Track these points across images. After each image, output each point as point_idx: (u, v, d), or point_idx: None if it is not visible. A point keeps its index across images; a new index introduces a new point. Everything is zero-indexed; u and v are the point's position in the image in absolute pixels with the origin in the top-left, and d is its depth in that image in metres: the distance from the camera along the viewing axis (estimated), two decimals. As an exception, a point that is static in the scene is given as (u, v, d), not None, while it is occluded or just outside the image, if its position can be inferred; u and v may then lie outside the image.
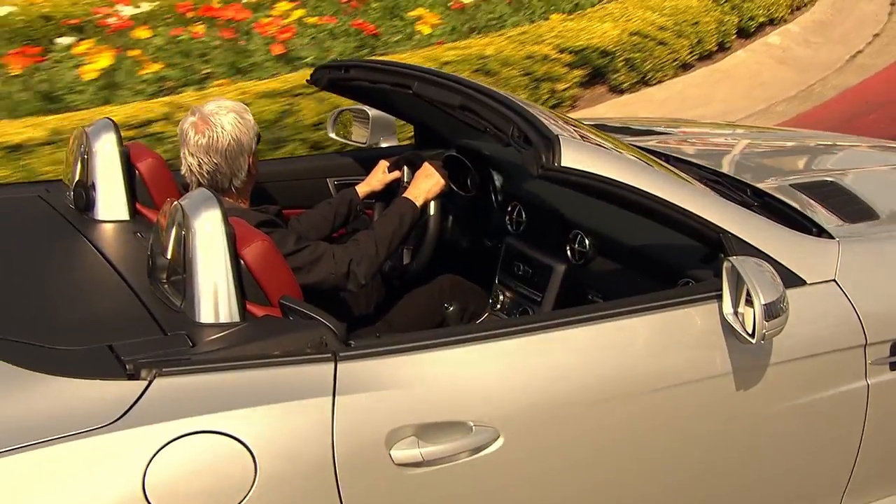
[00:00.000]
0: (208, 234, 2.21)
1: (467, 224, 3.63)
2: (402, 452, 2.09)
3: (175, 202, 2.31)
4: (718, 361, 2.47)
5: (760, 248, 2.55)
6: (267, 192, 3.39)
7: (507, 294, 3.39)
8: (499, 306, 3.41)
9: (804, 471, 2.72)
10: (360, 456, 2.06)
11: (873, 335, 2.65)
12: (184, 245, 2.23)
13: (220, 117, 2.83)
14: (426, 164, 3.20)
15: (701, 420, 2.49)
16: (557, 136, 2.41)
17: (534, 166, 2.40)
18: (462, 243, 3.61)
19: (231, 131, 2.82)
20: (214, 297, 2.19)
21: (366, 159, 3.72)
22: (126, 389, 1.93)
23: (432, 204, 3.26)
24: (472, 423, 2.17)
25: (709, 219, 2.54)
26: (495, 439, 2.19)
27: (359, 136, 3.92)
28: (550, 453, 2.29)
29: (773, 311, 2.30)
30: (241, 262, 2.30)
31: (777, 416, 2.58)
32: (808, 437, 2.67)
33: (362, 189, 3.45)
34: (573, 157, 2.39)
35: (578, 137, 2.56)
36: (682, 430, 2.47)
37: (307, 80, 3.47)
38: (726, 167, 3.38)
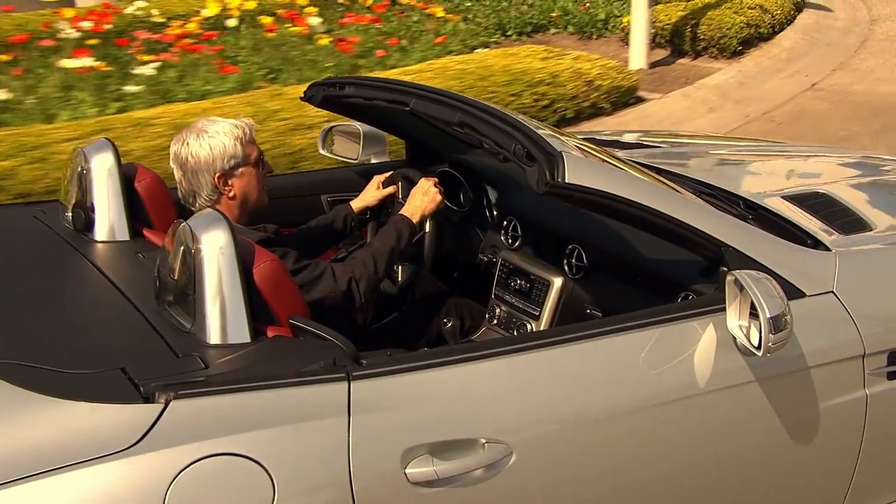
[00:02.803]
0: (218, 255, 2.21)
1: (462, 239, 3.64)
2: (416, 471, 2.10)
3: (183, 223, 2.31)
4: (721, 374, 2.49)
5: (760, 261, 2.58)
6: (262, 209, 3.38)
7: (504, 308, 3.41)
8: (495, 321, 3.42)
9: (804, 480, 2.75)
10: (377, 475, 2.07)
11: (871, 345, 2.68)
12: (193, 266, 2.22)
13: (193, 133, 2.86)
14: (422, 181, 3.21)
15: (704, 432, 2.51)
16: (561, 152, 2.43)
17: (538, 183, 2.42)
18: (457, 258, 3.63)
19: (193, 147, 2.84)
20: (225, 317, 2.19)
21: (359, 175, 3.72)
22: (143, 413, 1.93)
23: (428, 221, 3.28)
24: (483, 440, 2.18)
25: (709, 232, 2.57)
26: (507, 456, 2.20)
27: (350, 152, 3.92)
28: (562, 468, 2.31)
29: (779, 324, 2.33)
30: (251, 281, 2.30)
31: (778, 426, 2.60)
32: (807, 448, 2.69)
33: (357, 205, 3.45)
34: (577, 174, 2.41)
35: (580, 153, 2.58)
36: (688, 442, 2.49)
37: (300, 97, 3.48)
38: (718, 180, 3.40)
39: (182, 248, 2.28)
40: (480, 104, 2.80)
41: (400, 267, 3.43)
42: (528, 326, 3.27)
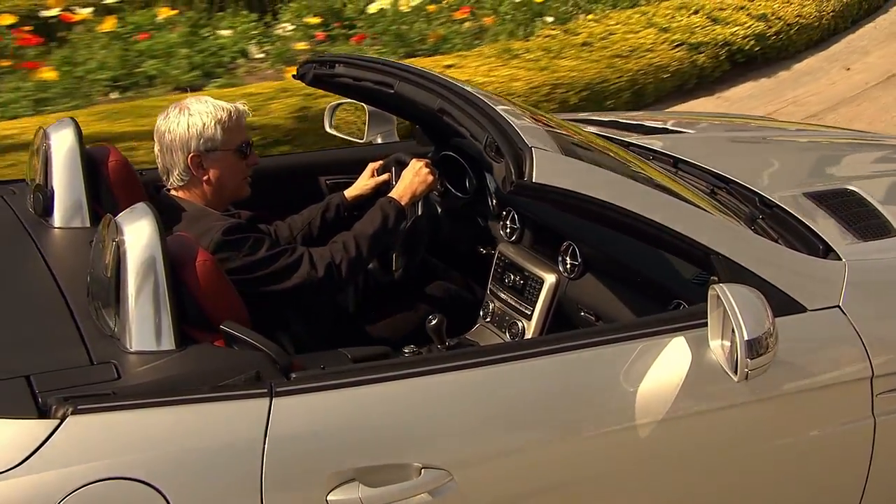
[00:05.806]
0: (141, 252, 2.05)
1: (464, 228, 3.44)
2: (340, 498, 1.92)
3: (111, 217, 2.15)
4: (702, 396, 2.26)
5: (755, 271, 2.34)
6: (255, 190, 3.22)
7: (498, 304, 3.20)
8: (489, 318, 3.22)
9: None
10: (293, 502, 1.90)
11: (881, 367, 2.42)
12: (118, 262, 2.07)
13: (177, 108, 2.77)
14: (414, 161, 3.03)
15: (679, 460, 2.29)
16: (531, 148, 2.20)
17: (504, 182, 2.21)
18: (457, 248, 3.43)
19: (170, 124, 2.74)
20: (146, 321, 2.03)
21: (361, 156, 3.53)
22: (34, 429, 1.78)
23: (422, 204, 3.09)
24: (419, 465, 1.99)
25: (698, 239, 2.33)
26: (447, 483, 2.00)
27: (356, 131, 3.74)
28: (509, 500, 2.11)
29: (758, 347, 2.09)
30: (181, 282, 2.13)
31: (776, 453, 2.37)
32: (809, 476, 2.46)
33: (350, 193, 3.27)
34: (547, 173, 2.19)
35: (558, 149, 2.35)
36: (657, 471, 2.27)
37: (293, 76, 3.29)
38: (739, 172, 3.12)
39: (110, 243, 2.13)
40: (462, 90, 2.60)
41: (395, 255, 3.25)
42: (520, 325, 3.05)
